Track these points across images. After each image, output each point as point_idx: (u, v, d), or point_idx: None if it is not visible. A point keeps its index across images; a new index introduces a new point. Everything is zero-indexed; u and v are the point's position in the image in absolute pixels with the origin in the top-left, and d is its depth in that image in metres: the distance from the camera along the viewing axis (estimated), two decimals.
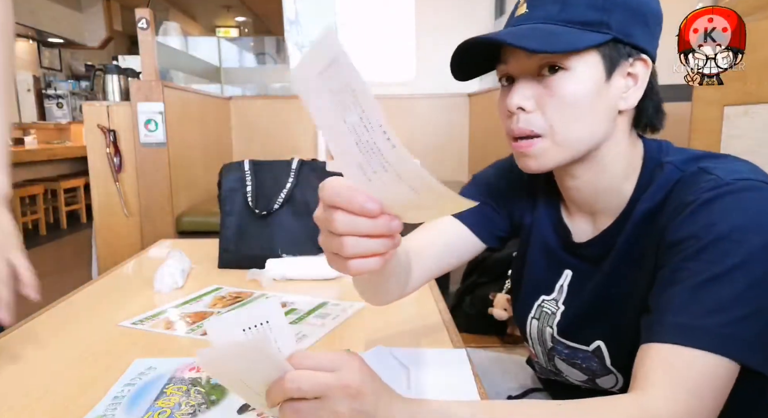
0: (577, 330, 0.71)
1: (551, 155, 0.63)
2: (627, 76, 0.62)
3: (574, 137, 0.62)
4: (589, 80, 0.60)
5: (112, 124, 2.43)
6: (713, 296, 0.53)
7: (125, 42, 8.32)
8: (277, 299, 0.49)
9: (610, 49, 0.61)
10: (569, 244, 0.74)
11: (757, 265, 0.53)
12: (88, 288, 1.08)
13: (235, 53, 5.14)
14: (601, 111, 0.62)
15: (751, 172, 0.60)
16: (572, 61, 0.60)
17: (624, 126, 0.65)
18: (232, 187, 1.25)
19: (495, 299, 1.61)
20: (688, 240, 0.56)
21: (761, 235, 0.54)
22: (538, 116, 0.62)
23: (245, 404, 0.61)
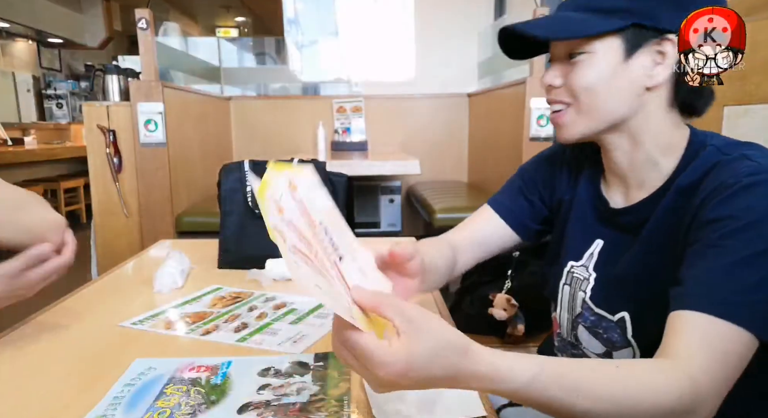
0: (607, 298, 0.75)
1: (579, 125, 0.72)
2: (656, 54, 0.67)
3: (595, 109, 0.70)
4: (605, 62, 0.68)
5: (111, 125, 2.43)
6: (751, 275, 0.56)
7: (125, 42, 8.32)
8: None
9: (632, 33, 0.67)
10: (606, 211, 0.78)
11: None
12: (87, 288, 1.08)
13: (234, 53, 5.13)
14: (622, 88, 0.69)
15: None
16: (593, 45, 0.68)
17: (656, 103, 0.70)
18: (232, 188, 1.25)
19: (495, 299, 1.62)
20: (726, 219, 0.59)
21: None
22: (565, 91, 0.72)
23: (245, 404, 0.61)
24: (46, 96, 7.26)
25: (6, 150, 5.11)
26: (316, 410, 0.60)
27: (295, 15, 3.89)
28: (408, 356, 0.44)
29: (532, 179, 0.91)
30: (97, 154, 2.45)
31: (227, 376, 0.68)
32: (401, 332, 0.45)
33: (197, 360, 0.73)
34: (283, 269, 1.10)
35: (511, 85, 2.62)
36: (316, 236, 0.47)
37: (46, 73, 7.58)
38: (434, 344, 0.45)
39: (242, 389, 0.65)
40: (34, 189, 4.84)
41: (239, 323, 0.87)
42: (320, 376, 0.68)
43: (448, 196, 2.80)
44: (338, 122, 3.52)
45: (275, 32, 6.32)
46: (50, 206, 0.83)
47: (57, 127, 6.93)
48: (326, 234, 0.48)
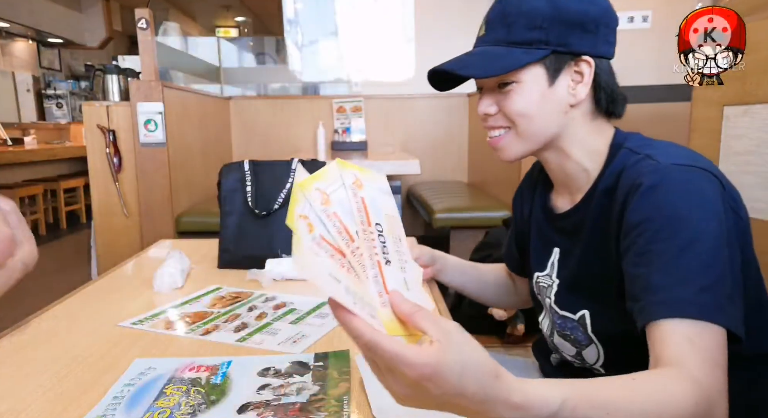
0: (567, 299, 0.81)
1: (516, 146, 0.79)
2: (575, 73, 0.74)
3: (530, 132, 0.77)
4: (534, 89, 0.74)
5: (111, 125, 2.43)
6: (685, 268, 0.60)
7: (125, 42, 8.32)
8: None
9: (551, 60, 0.74)
10: (552, 217, 0.85)
11: (707, 236, 0.61)
12: (87, 288, 1.08)
13: (234, 53, 5.14)
14: (549, 109, 0.75)
15: (687, 159, 0.68)
16: (519, 75, 0.74)
17: (581, 116, 0.77)
18: (232, 188, 1.25)
19: None
20: (644, 223, 0.64)
21: (701, 211, 0.63)
22: (501, 117, 0.78)
23: (245, 404, 0.61)
24: (46, 96, 7.26)
25: (6, 150, 5.11)
26: (316, 410, 0.60)
27: (295, 15, 3.88)
28: (438, 361, 0.42)
29: (515, 217, 0.99)
30: (97, 154, 2.45)
31: (227, 376, 0.68)
32: (435, 340, 0.43)
33: (197, 360, 0.73)
34: (283, 269, 1.10)
35: None
36: (367, 234, 0.47)
37: (46, 73, 7.57)
38: (467, 358, 0.44)
39: (242, 389, 0.65)
40: (34, 189, 4.82)
41: (239, 323, 0.87)
42: (320, 376, 0.68)
43: (448, 197, 2.80)
44: (338, 122, 3.52)
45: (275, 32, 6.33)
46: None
47: (57, 127, 6.93)
48: (379, 236, 0.48)
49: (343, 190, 0.46)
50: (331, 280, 0.43)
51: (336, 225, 0.45)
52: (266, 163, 1.27)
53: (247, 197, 1.23)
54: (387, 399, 0.61)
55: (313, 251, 0.42)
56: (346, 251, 0.45)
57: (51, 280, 3.13)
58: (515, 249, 0.99)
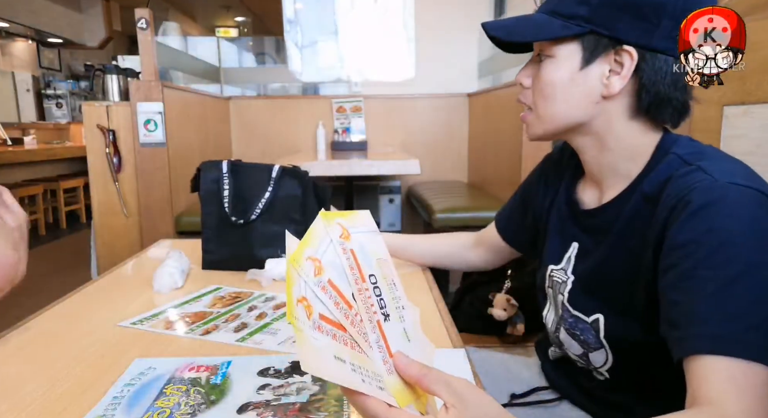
0: (581, 300, 0.77)
1: (536, 126, 0.76)
2: (615, 63, 0.68)
3: (549, 114, 0.74)
4: (564, 68, 0.70)
5: (111, 124, 2.43)
6: (734, 302, 0.55)
7: (125, 42, 8.32)
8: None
9: (590, 41, 0.68)
10: (577, 212, 0.81)
11: (760, 269, 0.56)
12: (87, 288, 1.08)
13: (234, 53, 5.14)
14: (576, 95, 0.71)
15: (744, 178, 0.62)
16: (554, 49, 0.70)
17: (617, 111, 0.71)
18: (209, 189, 1.19)
19: (495, 298, 1.61)
20: (690, 245, 0.59)
21: (756, 239, 0.57)
22: (530, 93, 0.76)
23: (245, 404, 0.61)
24: (46, 96, 7.26)
25: (5, 150, 5.11)
26: (316, 410, 0.60)
27: (295, 15, 3.88)
28: None
29: (530, 190, 0.95)
30: (97, 154, 2.45)
31: (227, 376, 0.68)
32: (450, 406, 0.43)
33: (197, 360, 0.73)
34: (283, 270, 1.10)
35: (511, 85, 2.62)
36: (363, 293, 0.46)
37: (46, 72, 7.57)
38: (485, 417, 0.44)
39: (242, 388, 0.65)
40: (33, 189, 4.82)
41: (239, 323, 0.87)
42: None
43: (448, 197, 2.80)
44: (338, 122, 3.52)
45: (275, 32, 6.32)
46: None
47: (57, 127, 6.92)
48: (375, 289, 0.47)
49: (332, 247, 0.45)
50: (336, 363, 0.42)
51: (333, 296, 0.44)
52: (247, 165, 1.21)
53: (224, 202, 1.18)
54: None
55: (315, 338, 0.41)
56: (346, 323, 0.44)
57: (51, 280, 3.13)
58: (518, 218, 0.97)
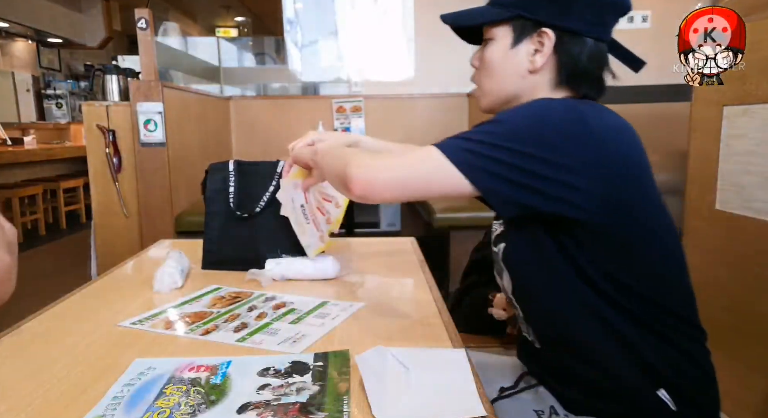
0: (497, 237, 0.90)
1: (482, 100, 0.91)
2: (538, 43, 0.81)
3: (488, 88, 0.88)
4: (500, 47, 0.84)
5: (111, 124, 2.43)
6: (472, 131, 0.74)
7: (124, 42, 8.32)
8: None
9: (518, 24, 0.82)
10: None
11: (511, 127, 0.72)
12: (87, 288, 1.08)
13: (234, 53, 5.14)
14: (509, 69, 0.84)
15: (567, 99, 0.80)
16: (493, 32, 0.85)
17: (542, 83, 0.83)
18: (216, 188, 1.23)
19: (495, 298, 1.61)
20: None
21: (521, 113, 0.74)
22: (477, 72, 0.90)
23: (245, 404, 0.61)
24: (46, 96, 7.26)
25: (5, 150, 5.10)
26: (316, 410, 0.60)
27: (295, 15, 3.88)
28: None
29: None
30: (97, 154, 2.45)
31: (227, 376, 0.68)
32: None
33: (197, 360, 0.73)
34: (283, 270, 1.10)
35: None
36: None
37: (46, 72, 7.57)
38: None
39: (242, 388, 0.65)
40: (33, 189, 4.82)
41: (239, 323, 0.87)
42: (320, 376, 0.68)
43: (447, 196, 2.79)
44: (338, 122, 3.52)
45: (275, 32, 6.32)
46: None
47: (56, 127, 6.92)
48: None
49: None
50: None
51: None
52: (252, 163, 1.25)
53: (230, 198, 1.21)
54: (387, 399, 0.61)
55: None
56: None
57: (50, 280, 3.13)
58: None
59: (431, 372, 0.69)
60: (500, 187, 0.70)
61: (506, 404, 0.90)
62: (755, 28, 1.10)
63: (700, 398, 0.79)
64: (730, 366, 1.53)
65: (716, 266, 1.54)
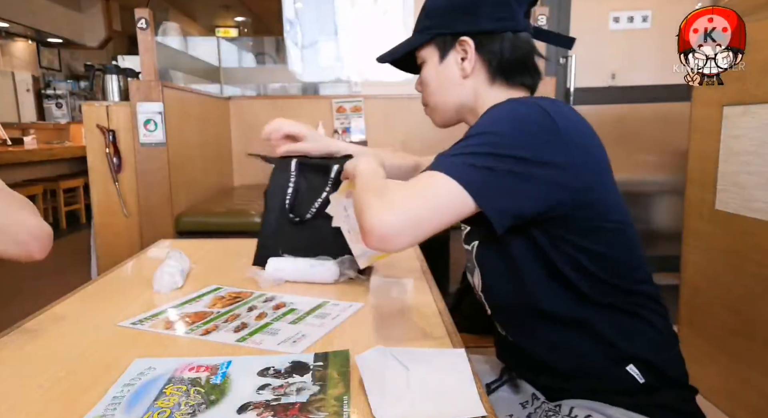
0: (468, 235, 0.97)
1: (435, 116, 0.99)
2: (462, 51, 0.89)
3: (435, 103, 0.96)
4: (431, 66, 0.93)
5: (111, 124, 2.43)
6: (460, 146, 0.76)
7: (124, 42, 8.32)
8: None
9: (439, 42, 0.91)
10: None
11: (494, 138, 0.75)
12: (87, 288, 1.08)
13: (234, 53, 5.13)
14: (445, 82, 0.92)
15: (532, 98, 0.85)
16: (422, 56, 0.94)
17: (477, 83, 0.90)
18: (278, 185, 1.20)
19: None
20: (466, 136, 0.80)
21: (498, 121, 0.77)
22: (423, 94, 0.98)
23: (245, 404, 0.61)
24: (46, 96, 7.26)
25: (5, 150, 5.11)
26: (316, 410, 0.60)
27: (295, 15, 3.88)
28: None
29: None
30: (97, 154, 2.45)
31: (227, 376, 0.68)
32: None
33: (197, 360, 0.73)
34: (284, 269, 1.10)
35: None
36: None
37: (46, 72, 7.57)
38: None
39: (242, 389, 0.65)
40: (33, 189, 4.81)
41: (239, 323, 0.87)
42: (320, 376, 0.68)
43: None
44: (338, 122, 3.52)
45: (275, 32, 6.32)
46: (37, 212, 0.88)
47: (56, 127, 6.92)
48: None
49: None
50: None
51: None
52: (311, 164, 1.21)
53: (286, 199, 1.19)
54: (387, 399, 0.61)
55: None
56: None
57: (51, 280, 3.13)
58: None
59: (431, 372, 0.69)
60: (499, 201, 0.73)
61: (491, 400, 0.91)
62: (755, 28, 1.10)
63: (668, 369, 0.82)
64: (729, 365, 1.53)
65: (716, 266, 1.54)
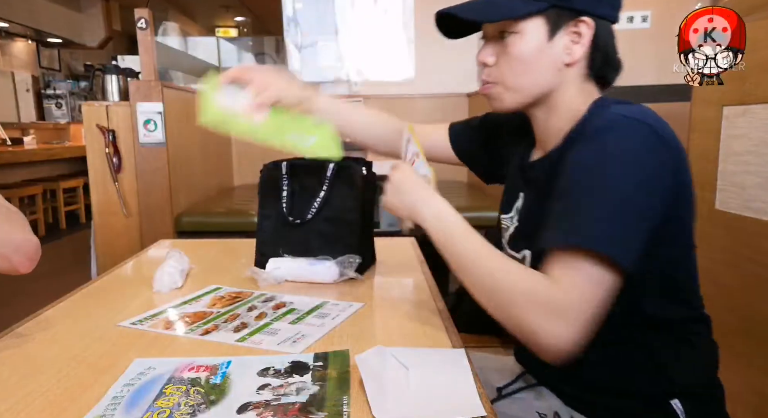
0: (517, 240, 0.88)
1: (506, 98, 0.82)
2: (573, 34, 0.76)
3: (520, 85, 0.80)
4: (533, 41, 0.76)
5: (111, 124, 2.43)
6: (585, 208, 0.67)
7: (124, 42, 8.31)
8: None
9: (552, 14, 0.75)
10: (523, 166, 0.90)
11: (615, 192, 0.66)
12: (87, 288, 1.08)
13: (234, 53, 5.14)
14: (545, 64, 0.78)
15: (640, 113, 0.71)
16: (520, 25, 0.76)
17: (573, 77, 0.79)
18: (268, 190, 1.20)
19: None
20: (575, 165, 0.71)
21: (623, 166, 0.67)
22: (496, 69, 0.81)
23: (245, 404, 0.61)
24: (46, 96, 7.26)
25: (5, 150, 5.11)
26: (316, 410, 0.60)
27: (295, 15, 3.88)
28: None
29: (490, 126, 1.06)
30: (97, 154, 2.45)
31: (227, 376, 0.68)
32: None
33: (197, 360, 0.73)
34: (283, 270, 1.10)
35: None
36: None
37: (46, 72, 7.57)
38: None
39: (242, 388, 0.65)
40: (33, 189, 4.81)
41: (239, 323, 0.87)
42: (320, 376, 0.68)
43: (448, 196, 2.77)
44: None
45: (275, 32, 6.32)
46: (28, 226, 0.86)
47: (56, 127, 6.92)
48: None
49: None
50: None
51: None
52: (303, 165, 1.21)
53: (282, 202, 1.19)
54: (387, 399, 0.61)
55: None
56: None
57: (50, 280, 3.13)
58: (475, 137, 1.08)
59: (431, 372, 0.69)
60: (633, 247, 0.66)
61: (506, 405, 0.89)
62: (755, 28, 1.10)
63: (710, 411, 0.78)
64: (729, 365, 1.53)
65: (716, 266, 1.54)
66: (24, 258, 0.81)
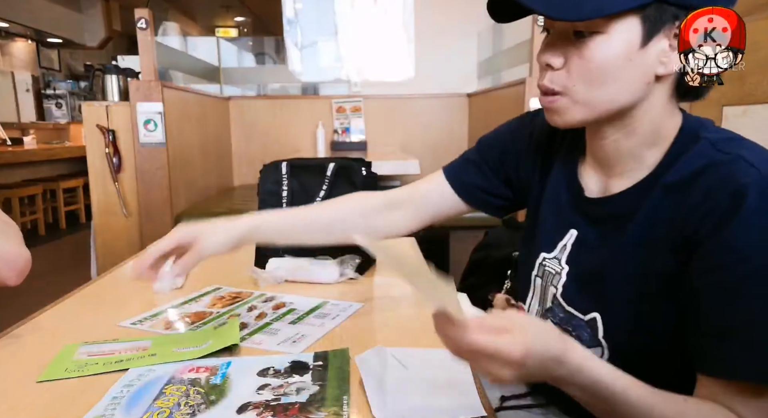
0: (578, 296, 0.70)
1: (574, 113, 0.64)
2: (672, 38, 0.59)
3: (595, 98, 0.62)
4: (621, 46, 0.59)
5: (111, 124, 2.43)
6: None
7: (124, 42, 8.31)
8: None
9: (652, 11, 0.58)
10: (580, 199, 0.72)
11: None
12: (87, 288, 1.08)
13: (234, 53, 5.14)
14: (631, 76, 0.61)
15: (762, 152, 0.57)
16: (608, 24, 0.58)
17: (662, 92, 0.63)
18: (270, 190, 1.19)
19: (495, 299, 1.61)
20: (746, 251, 0.53)
21: None
22: (564, 75, 0.63)
23: (245, 404, 0.61)
24: (46, 96, 7.26)
25: (5, 150, 5.11)
26: (316, 410, 0.60)
27: (295, 15, 3.88)
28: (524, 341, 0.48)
29: (489, 151, 0.88)
30: (97, 154, 2.45)
31: (227, 376, 0.68)
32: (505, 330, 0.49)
33: (197, 360, 0.73)
34: (284, 270, 1.10)
35: (511, 85, 2.62)
36: None
37: (46, 72, 7.57)
38: (531, 348, 0.49)
39: (242, 389, 0.65)
40: (33, 189, 4.81)
41: (238, 323, 0.87)
42: (320, 376, 0.68)
43: None
44: (338, 122, 3.52)
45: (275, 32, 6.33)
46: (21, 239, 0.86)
47: (56, 127, 6.92)
48: None
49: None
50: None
51: None
52: (302, 165, 1.21)
53: (283, 200, 1.18)
54: (387, 399, 0.61)
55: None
56: None
57: (51, 280, 3.13)
58: (484, 171, 0.87)
59: (431, 372, 0.69)
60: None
61: (509, 416, 0.85)
62: (755, 28, 1.10)
63: None
64: None
65: None
66: (12, 272, 0.82)
